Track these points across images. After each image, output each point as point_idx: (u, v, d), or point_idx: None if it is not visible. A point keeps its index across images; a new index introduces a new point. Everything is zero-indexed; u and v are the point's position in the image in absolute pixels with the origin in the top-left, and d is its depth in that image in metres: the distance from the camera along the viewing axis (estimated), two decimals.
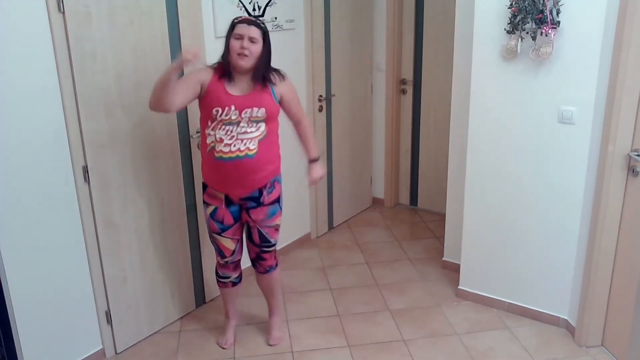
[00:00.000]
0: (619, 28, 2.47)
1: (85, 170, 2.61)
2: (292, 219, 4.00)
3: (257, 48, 2.44)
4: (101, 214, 2.71)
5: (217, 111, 2.46)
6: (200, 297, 3.35)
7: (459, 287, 3.38)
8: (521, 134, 2.90)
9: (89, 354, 2.82)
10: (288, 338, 3.05)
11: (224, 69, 2.49)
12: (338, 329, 3.11)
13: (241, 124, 2.47)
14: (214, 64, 2.56)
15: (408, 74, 4.51)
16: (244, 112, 2.46)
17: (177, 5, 2.86)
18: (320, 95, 4.00)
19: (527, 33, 2.70)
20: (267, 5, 3.41)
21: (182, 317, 3.24)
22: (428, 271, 3.72)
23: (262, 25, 2.49)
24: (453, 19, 3.32)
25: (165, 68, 2.42)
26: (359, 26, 4.26)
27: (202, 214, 3.22)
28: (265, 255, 2.78)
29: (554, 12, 2.60)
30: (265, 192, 2.63)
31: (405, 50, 4.47)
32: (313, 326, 3.14)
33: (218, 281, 2.90)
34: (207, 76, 2.50)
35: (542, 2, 2.60)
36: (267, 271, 2.84)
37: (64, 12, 2.39)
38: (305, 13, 3.72)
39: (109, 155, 2.69)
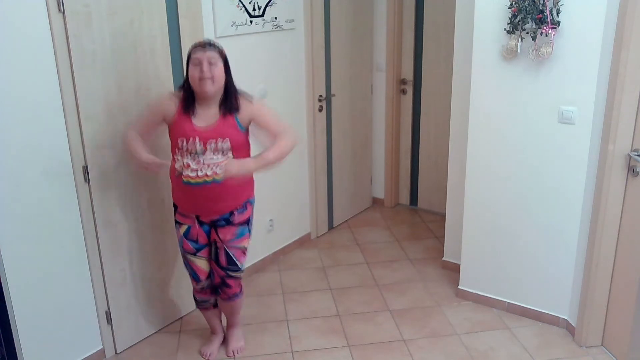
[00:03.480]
0: (619, 28, 2.47)
1: (85, 170, 2.61)
2: (292, 219, 4.00)
3: (218, 70, 2.36)
4: (101, 213, 2.71)
5: (182, 141, 2.43)
6: None
7: (459, 287, 3.38)
8: (521, 134, 2.90)
9: (89, 354, 2.82)
10: (288, 338, 3.05)
11: (188, 98, 2.44)
12: (338, 329, 3.11)
13: (207, 153, 2.42)
14: (179, 89, 2.51)
15: (408, 74, 4.51)
16: (208, 143, 2.41)
17: (177, 5, 2.86)
18: (320, 95, 4.00)
19: (527, 33, 2.70)
20: (267, 5, 3.41)
21: (182, 317, 3.24)
22: (428, 271, 3.72)
23: (218, 45, 2.41)
24: (453, 19, 3.32)
25: (130, 149, 2.51)
26: (359, 26, 4.26)
27: None
28: (230, 282, 2.67)
29: (554, 12, 2.60)
30: (236, 212, 2.58)
31: (405, 50, 4.46)
32: (313, 326, 3.14)
33: (197, 306, 2.85)
34: (172, 107, 2.47)
35: (542, 2, 2.60)
36: (230, 298, 2.73)
37: (64, 12, 2.39)
38: (305, 13, 3.72)
39: (109, 155, 2.69)
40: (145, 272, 2.97)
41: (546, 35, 2.64)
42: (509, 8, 2.72)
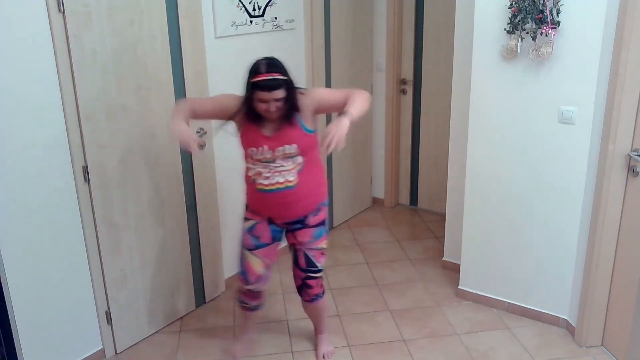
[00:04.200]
0: (619, 28, 2.47)
1: (85, 170, 2.61)
2: None
3: (282, 102, 2.32)
4: (101, 214, 2.71)
5: (252, 151, 2.44)
6: (200, 297, 3.35)
7: (459, 287, 3.38)
8: (521, 134, 2.90)
9: (89, 354, 2.82)
10: (288, 338, 3.05)
11: (251, 111, 2.39)
12: (338, 329, 3.11)
13: (277, 161, 2.43)
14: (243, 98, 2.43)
15: (408, 74, 4.51)
16: (276, 150, 2.41)
17: (177, 5, 2.86)
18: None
19: (527, 33, 2.70)
20: (267, 5, 3.41)
21: (182, 317, 3.24)
22: (428, 271, 3.72)
23: (281, 79, 2.29)
24: (453, 19, 3.32)
25: (173, 116, 2.43)
26: (359, 26, 4.26)
27: (203, 214, 3.23)
28: (311, 282, 2.65)
29: (554, 12, 2.60)
30: (310, 215, 2.56)
31: (405, 50, 4.46)
32: (313, 326, 3.14)
33: (238, 304, 2.82)
34: (235, 107, 2.43)
35: (542, 2, 2.60)
36: (312, 300, 2.71)
37: (63, 12, 2.39)
38: (305, 13, 3.72)
39: (109, 155, 2.69)
40: (145, 272, 2.97)
41: (546, 35, 2.64)
42: (509, 8, 2.72)
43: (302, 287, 2.68)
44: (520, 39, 2.72)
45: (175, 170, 3.02)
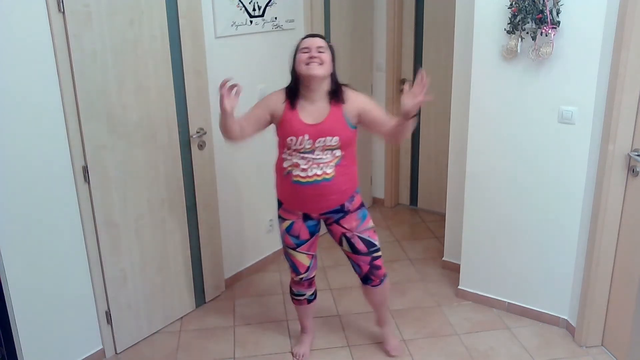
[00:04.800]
0: (619, 28, 2.47)
1: (85, 170, 2.61)
2: None
3: (326, 56, 2.37)
4: (101, 214, 2.70)
5: (292, 140, 2.41)
6: (200, 297, 3.35)
7: (459, 287, 3.38)
8: (521, 134, 2.90)
9: (89, 354, 2.82)
10: (288, 338, 3.05)
11: (295, 95, 2.44)
12: (338, 329, 3.11)
13: (315, 152, 2.41)
14: (284, 88, 2.50)
15: (408, 74, 4.50)
16: (317, 141, 2.40)
17: (177, 5, 2.86)
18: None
19: (527, 33, 2.70)
20: (267, 5, 3.41)
21: (182, 317, 3.24)
22: (428, 271, 3.72)
23: (324, 37, 2.45)
24: (453, 19, 3.32)
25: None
26: (359, 26, 4.26)
27: (203, 214, 3.23)
28: (378, 262, 2.63)
29: (554, 12, 2.60)
30: (347, 203, 2.55)
31: (405, 50, 4.46)
32: (313, 326, 3.14)
33: (293, 299, 2.83)
34: (279, 104, 2.45)
35: (542, 2, 2.60)
36: (381, 281, 2.68)
37: (63, 12, 2.39)
38: (305, 13, 3.72)
39: (109, 155, 2.69)
40: (145, 272, 2.97)
41: (546, 35, 2.64)
42: (509, 8, 2.72)
43: (371, 271, 2.64)
44: (520, 39, 2.72)
45: (176, 170, 3.02)
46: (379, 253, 2.65)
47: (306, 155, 2.42)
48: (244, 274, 3.67)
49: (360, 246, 2.60)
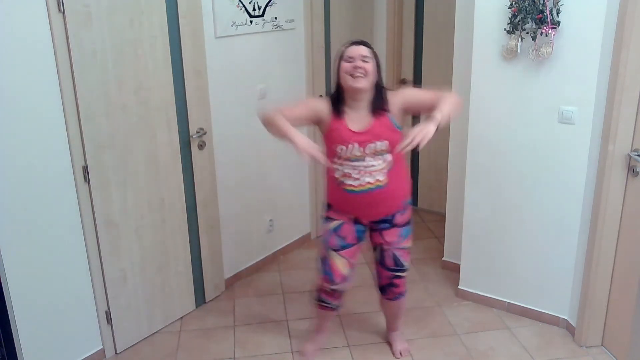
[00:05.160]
0: (619, 28, 2.47)
1: (85, 170, 2.61)
2: (292, 219, 4.00)
3: (370, 66, 2.34)
4: (101, 213, 2.71)
5: (341, 149, 2.39)
6: (200, 297, 3.35)
7: (459, 287, 3.38)
8: (521, 134, 2.90)
9: (89, 354, 2.82)
10: (288, 338, 3.05)
11: (339, 103, 2.41)
12: (338, 329, 3.11)
13: (366, 159, 2.39)
14: (328, 97, 2.47)
15: (408, 74, 4.50)
16: (366, 147, 2.37)
17: (177, 5, 2.86)
18: (321, 95, 3.99)
19: (527, 33, 2.70)
20: (267, 6, 3.41)
21: (182, 317, 3.24)
22: (428, 271, 3.72)
23: (371, 46, 2.41)
24: (453, 19, 3.32)
25: (281, 126, 2.30)
26: (359, 26, 4.26)
27: (203, 214, 3.23)
28: (398, 282, 2.64)
29: (554, 12, 2.60)
30: (397, 214, 2.54)
31: (405, 50, 4.46)
32: (313, 326, 3.14)
33: (317, 304, 2.75)
34: (326, 112, 2.42)
35: (542, 2, 2.60)
36: (396, 298, 2.70)
37: (64, 12, 2.39)
38: (305, 13, 3.72)
39: (109, 155, 2.69)
40: (145, 272, 2.97)
41: (546, 35, 2.64)
42: (509, 8, 2.72)
43: (388, 286, 2.66)
44: (520, 39, 2.72)
45: (176, 170, 3.02)
46: (404, 274, 2.64)
47: (356, 163, 2.40)
48: (244, 273, 3.67)
49: (389, 262, 2.59)
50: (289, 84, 3.72)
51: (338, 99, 2.42)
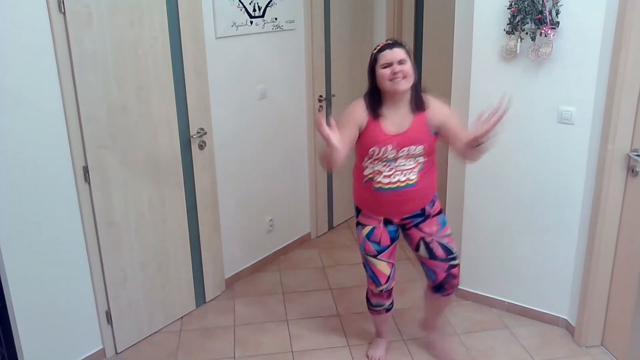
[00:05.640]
0: (618, 28, 2.47)
1: (86, 170, 2.61)
2: (292, 219, 4.00)
3: (408, 68, 2.31)
4: (101, 214, 2.71)
5: (374, 151, 2.38)
6: (200, 297, 3.35)
7: (459, 287, 3.38)
8: (521, 134, 2.90)
9: (90, 353, 2.82)
10: (288, 338, 3.05)
11: (375, 102, 2.39)
12: (338, 329, 3.12)
13: (399, 160, 2.39)
14: (363, 98, 2.45)
15: None
16: (401, 150, 2.36)
17: (177, 6, 2.87)
18: (320, 96, 4.00)
19: (527, 33, 2.71)
20: (267, 6, 3.41)
21: (182, 317, 3.24)
22: None
23: (403, 44, 2.37)
24: (453, 19, 3.32)
25: (323, 148, 2.29)
26: (359, 26, 4.27)
27: (204, 213, 3.23)
28: (455, 271, 2.57)
29: (554, 13, 2.61)
30: (427, 207, 2.53)
31: None
32: (313, 326, 3.15)
33: (370, 309, 2.75)
34: (364, 115, 2.39)
35: (541, 2, 2.60)
36: (454, 291, 2.64)
37: (64, 13, 2.40)
38: (305, 13, 3.73)
39: (110, 155, 2.69)
40: (145, 272, 2.98)
41: (545, 36, 2.65)
42: (508, 9, 2.72)
43: (446, 279, 2.57)
44: (519, 40, 2.73)
45: (176, 170, 3.03)
46: (457, 261, 2.59)
47: (389, 163, 2.39)
48: (244, 273, 3.67)
49: (439, 252, 2.54)
50: (289, 84, 3.73)
51: (374, 100, 2.40)
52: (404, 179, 2.41)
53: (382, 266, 2.57)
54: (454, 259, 2.57)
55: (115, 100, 2.67)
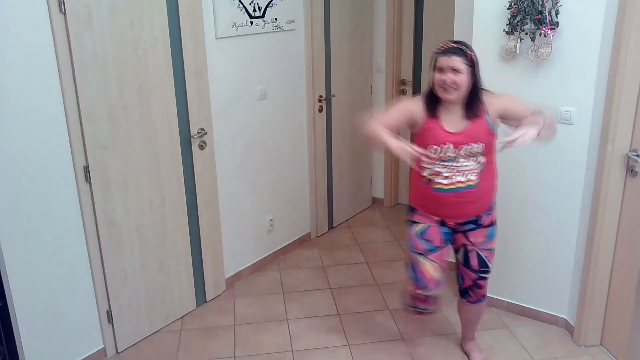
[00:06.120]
0: (617, 28, 2.48)
1: (87, 170, 2.62)
2: (292, 218, 4.01)
3: (462, 79, 2.24)
4: (102, 213, 2.72)
5: (434, 149, 2.33)
6: (200, 297, 3.36)
7: None
8: None
9: (90, 353, 2.83)
10: (289, 337, 3.06)
11: (433, 100, 2.36)
12: (338, 329, 3.12)
13: (458, 159, 2.35)
14: (421, 96, 2.42)
15: (408, 74, 4.51)
16: (461, 149, 2.32)
17: (177, 6, 2.87)
18: (320, 96, 4.01)
19: (526, 34, 2.71)
20: (267, 6, 3.42)
21: (182, 317, 3.25)
22: None
23: (466, 51, 2.28)
24: (453, 20, 3.33)
25: (379, 136, 2.28)
26: (359, 26, 4.28)
27: (204, 213, 3.24)
28: (482, 283, 2.57)
29: (553, 13, 2.61)
30: (483, 215, 2.48)
31: (405, 50, 4.47)
32: (313, 325, 3.15)
33: (408, 309, 2.68)
34: (420, 112, 2.36)
35: (541, 2, 2.61)
36: (478, 300, 2.63)
37: (65, 13, 2.40)
38: (306, 14, 3.73)
39: (110, 155, 2.70)
40: (146, 272, 2.98)
41: (545, 36, 2.65)
42: (508, 9, 2.73)
43: (472, 288, 2.59)
44: (519, 40, 2.73)
45: (176, 169, 3.03)
46: (488, 275, 2.59)
47: (448, 163, 2.35)
48: (244, 273, 3.68)
49: (474, 262, 2.53)
50: (289, 85, 3.74)
51: (432, 98, 2.36)
52: (464, 179, 2.37)
53: (429, 267, 2.49)
54: (485, 272, 2.57)
55: (116, 100, 2.67)
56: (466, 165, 2.36)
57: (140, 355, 2.93)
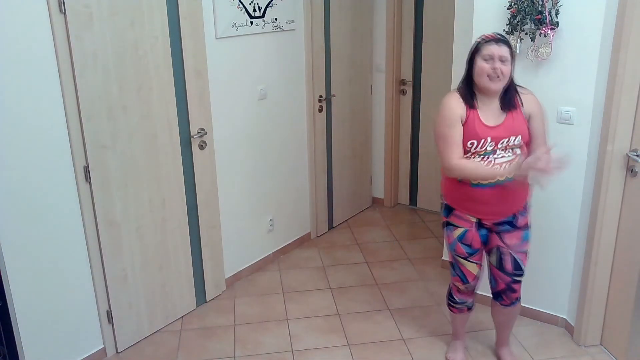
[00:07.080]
0: (617, 28, 2.48)
1: (87, 170, 2.62)
2: (292, 218, 4.01)
3: (507, 69, 2.26)
4: (102, 213, 2.72)
5: (472, 144, 2.32)
6: (201, 296, 3.36)
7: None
8: None
9: (90, 353, 2.83)
10: (289, 337, 3.06)
11: (469, 93, 2.35)
12: (338, 329, 3.12)
13: (497, 152, 2.33)
14: (457, 90, 2.41)
15: (408, 74, 4.52)
16: (500, 142, 2.32)
17: (177, 6, 2.87)
18: (320, 96, 4.01)
19: (526, 34, 2.71)
20: (267, 6, 3.42)
21: (182, 317, 3.25)
22: (428, 271, 3.73)
23: (509, 41, 2.32)
24: (452, 20, 3.33)
25: (488, 172, 2.31)
26: (359, 26, 4.28)
27: (204, 213, 3.24)
28: (516, 286, 2.56)
29: (553, 13, 2.61)
30: (519, 215, 2.47)
31: (405, 50, 4.48)
32: (313, 325, 3.16)
33: (452, 306, 2.73)
34: (462, 109, 2.35)
35: (541, 2, 2.61)
36: (512, 303, 2.61)
37: (65, 13, 2.40)
38: (306, 14, 3.73)
39: (110, 155, 2.70)
40: (146, 272, 2.99)
41: (545, 36, 2.65)
42: (508, 9, 2.73)
43: (505, 291, 2.58)
44: (519, 40, 2.73)
45: (176, 170, 3.04)
46: (522, 278, 2.57)
47: (487, 156, 2.34)
48: (244, 273, 3.68)
49: (508, 265, 2.52)
50: (289, 85, 3.74)
51: (470, 91, 2.36)
52: (502, 172, 2.33)
53: (472, 267, 2.56)
54: (519, 275, 2.55)
55: (116, 100, 2.67)
56: (504, 157, 2.35)
57: (140, 355, 2.94)
